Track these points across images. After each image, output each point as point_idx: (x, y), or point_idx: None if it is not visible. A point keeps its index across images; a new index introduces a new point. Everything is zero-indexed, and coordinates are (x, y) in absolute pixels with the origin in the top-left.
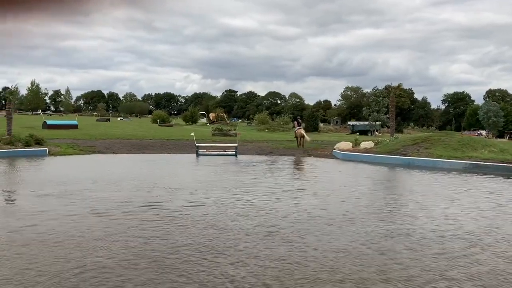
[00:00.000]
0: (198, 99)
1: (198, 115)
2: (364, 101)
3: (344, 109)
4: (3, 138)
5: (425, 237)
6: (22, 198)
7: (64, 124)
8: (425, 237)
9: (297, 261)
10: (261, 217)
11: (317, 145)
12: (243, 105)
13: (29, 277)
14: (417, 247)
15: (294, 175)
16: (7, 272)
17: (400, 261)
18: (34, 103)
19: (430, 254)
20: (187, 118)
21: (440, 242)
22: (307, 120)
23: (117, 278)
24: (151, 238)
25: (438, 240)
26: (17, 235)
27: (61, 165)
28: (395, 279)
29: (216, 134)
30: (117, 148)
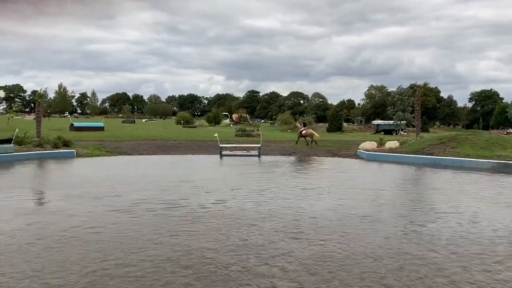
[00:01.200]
0: (221, 100)
1: (221, 116)
2: (389, 100)
3: (368, 108)
4: (32, 140)
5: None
6: (65, 199)
7: (91, 126)
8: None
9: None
10: (311, 220)
11: (341, 145)
12: (266, 105)
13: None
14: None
15: (321, 175)
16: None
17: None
18: (61, 106)
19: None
20: (210, 119)
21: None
22: (330, 120)
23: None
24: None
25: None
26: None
27: (90, 166)
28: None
29: (239, 134)
30: (143, 149)
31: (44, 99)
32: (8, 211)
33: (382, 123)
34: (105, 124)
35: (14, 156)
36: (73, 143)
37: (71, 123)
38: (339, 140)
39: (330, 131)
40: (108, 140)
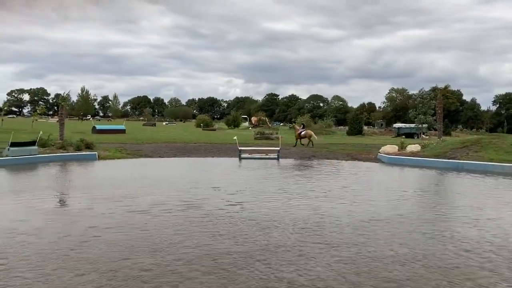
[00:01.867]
0: (240, 103)
1: (240, 119)
2: (410, 103)
3: (389, 111)
4: (56, 143)
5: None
6: (87, 200)
7: (112, 128)
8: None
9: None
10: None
11: (361, 149)
12: (285, 108)
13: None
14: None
15: (342, 178)
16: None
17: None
18: (84, 109)
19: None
20: (229, 122)
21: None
22: (350, 123)
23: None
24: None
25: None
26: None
27: (111, 168)
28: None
29: (258, 137)
30: (163, 152)
31: (67, 102)
32: (32, 212)
33: (403, 126)
34: (126, 127)
35: (38, 158)
36: (95, 146)
37: (93, 126)
38: (359, 144)
39: (350, 134)
40: (129, 143)
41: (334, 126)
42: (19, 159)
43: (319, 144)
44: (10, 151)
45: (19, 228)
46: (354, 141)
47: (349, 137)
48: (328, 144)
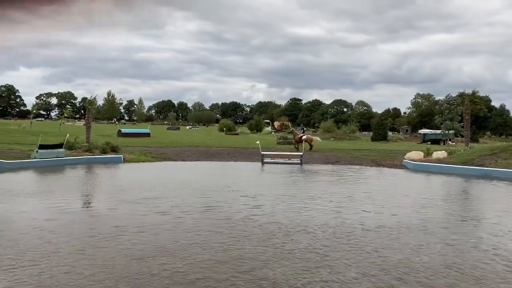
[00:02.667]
0: (263, 107)
1: (263, 123)
2: (436, 109)
3: (414, 117)
4: (82, 146)
5: None
6: (112, 202)
7: (137, 132)
8: None
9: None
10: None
11: (386, 155)
12: (308, 113)
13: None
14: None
15: (367, 185)
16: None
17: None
18: (109, 113)
19: None
20: (252, 127)
21: None
22: (375, 129)
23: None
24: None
25: None
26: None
27: (136, 171)
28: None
29: (281, 142)
30: (187, 156)
31: (94, 105)
32: (58, 213)
33: (429, 132)
34: (151, 131)
35: (65, 160)
36: (121, 149)
37: (119, 129)
38: (384, 150)
39: (375, 140)
40: (153, 146)
41: (358, 132)
42: (47, 161)
43: (342, 150)
44: (39, 153)
45: (47, 227)
46: (379, 147)
47: (373, 143)
48: (352, 150)
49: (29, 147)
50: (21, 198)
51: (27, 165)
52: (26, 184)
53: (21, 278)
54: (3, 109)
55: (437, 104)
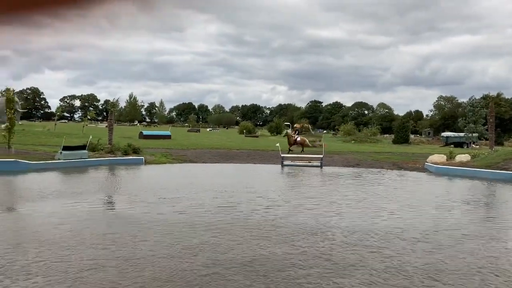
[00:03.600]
0: (283, 110)
1: (283, 126)
2: (459, 111)
3: (436, 120)
4: (105, 147)
5: None
6: (133, 203)
7: (158, 134)
8: None
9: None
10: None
11: (407, 158)
12: (329, 116)
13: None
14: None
15: (389, 188)
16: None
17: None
18: (131, 115)
19: None
20: (272, 129)
21: None
22: (396, 132)
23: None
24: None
25: None
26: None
27: (157, 173)
28: None
29: None
30: (207, 158)
31: (116, 108)
32: (82, 213)
33: (452, 135)
34: (172, 133)
35: (88, 162)
36: (142, 151)
37: (140, 131)
38: (406, 153)
39: (396, 143)
40: (174, 148)
41: (379, 134)
42: (70, 162)
43: (363, 153)
44: (63, 154)
45: (74, 227)
46: (400, 150)
47: (395, 146)
48: (373, 153)
49: (53, 148)
50: (48, 199)
51: (51, 166)
52: (52, 184)
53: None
54: (28, 111)
55: (460, 107)
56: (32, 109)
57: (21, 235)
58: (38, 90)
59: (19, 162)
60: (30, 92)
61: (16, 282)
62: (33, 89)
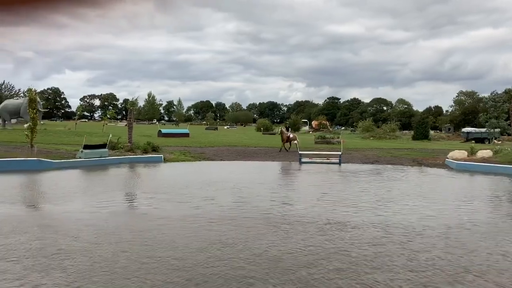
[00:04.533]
0: (300, 107)
1: (300, 123)
2: (481, 106)
3: (457, 115)
4: (124, 146)
5: None
6: (153, 200)
7: (177, 132)
8: None
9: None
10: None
11: (427, 154)
12: (347, 112)
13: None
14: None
15: (409, 185)
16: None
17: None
18: (150, 113)
19: None
20: (289, 126)
21: None
22: (416, 128)
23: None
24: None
25: None
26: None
27: (176, 170)
28: None
29: (319, 142)
30: (225, 155)
31: (135, 106)
32: (104, 210)
33: (473, 130)
34: (190, 131)
35: (108, 160)
36: (161, 149)
37: (159, 130)
38: (425, 149)
39: (416, 139)
40: (193, 146)
41: (398, 131)
42: (91, 160)
43: (382, 149)
44: (84, 153)
45: (100, 223)
46: (420, 146)
47: (414, 142)
48: (392, 149)
49: (74, 147)
50: (72, 197)
51: (73, 165)
52: (74, 182)
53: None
54: (50, 111)
55: (482, 102)
56: (53, 109)
57: (80, 229)
58: (59, 90)
59: (42, 161)
60: (51, 92)
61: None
62: (54, 89)
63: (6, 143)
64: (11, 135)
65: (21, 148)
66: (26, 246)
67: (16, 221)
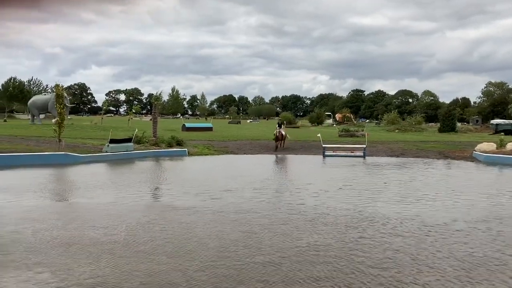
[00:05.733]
0: (324, 100)
1: (324, 116)
2: (510, 97)
3: (485, 106)
4: (149, 140)
5: None
6: (179, 194)
7: (201, 126)
8: None
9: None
10: None
11: (454, 147)
12: (371, 104)
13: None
14: None
15: (437, 178)
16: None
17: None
18: (174, 108)
19: None
20: (313, 119)
21: None
22: (442, 120)
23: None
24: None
25: None
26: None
27: (200, 164)
28: None
29: (343, 135)
30: (248, 149)
31: (160, 101)
32: (128, 206)
33: (503, 122)
34: (213, 125)
35: (134, 154)
36: (185, 143)
37: (183, 124)
38: (452, 141)
39: (442, 132)
40: (216, 140)
41: (424, 123)
42: (117, 155)
43: (408, 142)
44: (110, 147)
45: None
46: (446, 139)
47: (440, 134)
48: (418, 142)
49: (101, 141)
50: (102, 189)
51: (99, 159)
52: (104, 175)
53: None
54: (76, 106)
55: (511, 93)
56: (79, 104)
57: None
58: (85, 86)
59: (69, 155)
60: (78, 88)
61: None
62: (80, 84)
63: (35, 137)
64: (40, 130)
65: (49, 142)
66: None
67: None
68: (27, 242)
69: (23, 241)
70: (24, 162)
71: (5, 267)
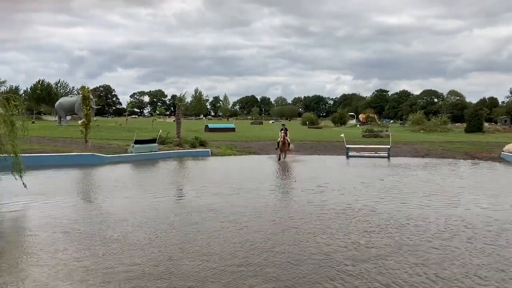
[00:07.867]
0: (347, 100)
1: (347, 116)
2: None
3: None
4: (173, 140)
5: None
6: (207, 194)
7: (223, 127)
8: None
9: None
10: None
11: (481, 147)
12: (395, 105)
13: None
14: None
15: (464, 179)
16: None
17: None
18: (197, 109)
19: None
20: (335, 120)
21: None
22: (469, 120)
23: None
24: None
25: None
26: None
27: (224, 164)
28: None
29: (367, 135)
30: (270, 149)
31: (183, 102)
32: (149, 203)
33: None
34: (235, 126)
35: (158, 154)
36: (208, 143)
37: (206, 125)
38: (479, 142)
39: (469, 132)
40: (239, 141)
41: (450, 123)
42: (142, 155)
43: (433, 142)
44: (135, 148)
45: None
46: (473, 139)
47: (467, 135)
48: (443, 142)
49: (126, 142)
50: (130, 189)
51: (125, 159)
52: (131, 176)
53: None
54: (102, 107)
55: None
56: (105, 106)
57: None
58: (110, 87)
59: (95, 156)
60: (103, 90)
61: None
62: (106, 86)
63: (62, 138)
64: (67, 131)
65: (76, 143)
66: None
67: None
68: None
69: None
70: (53, 162)
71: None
